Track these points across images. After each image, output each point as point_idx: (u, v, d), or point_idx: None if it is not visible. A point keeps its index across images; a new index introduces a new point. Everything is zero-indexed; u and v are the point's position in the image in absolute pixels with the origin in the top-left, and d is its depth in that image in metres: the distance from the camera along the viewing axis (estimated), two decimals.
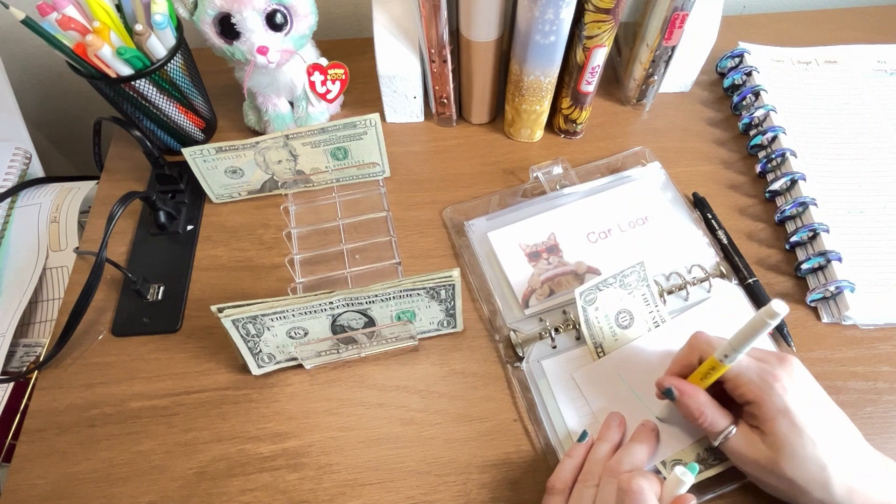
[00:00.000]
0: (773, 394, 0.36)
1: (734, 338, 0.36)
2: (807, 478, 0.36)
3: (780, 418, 0.36)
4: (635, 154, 0.60)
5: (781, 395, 0.36)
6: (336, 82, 0.60)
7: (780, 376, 0.37)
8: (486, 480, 0.44)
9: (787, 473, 0.36)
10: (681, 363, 0.41)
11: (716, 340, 0.40)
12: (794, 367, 0.38)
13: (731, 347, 0.36)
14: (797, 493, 0.36)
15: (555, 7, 0.47)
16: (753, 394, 0.37)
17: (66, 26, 0.46)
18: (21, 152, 0.64)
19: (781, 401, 0.36)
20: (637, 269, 0.47)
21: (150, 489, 0.44)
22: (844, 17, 0.73)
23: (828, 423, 0.37)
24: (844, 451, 0.36)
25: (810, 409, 0.36)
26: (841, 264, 0.50)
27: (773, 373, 0.37)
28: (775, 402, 0.36)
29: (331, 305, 0.44)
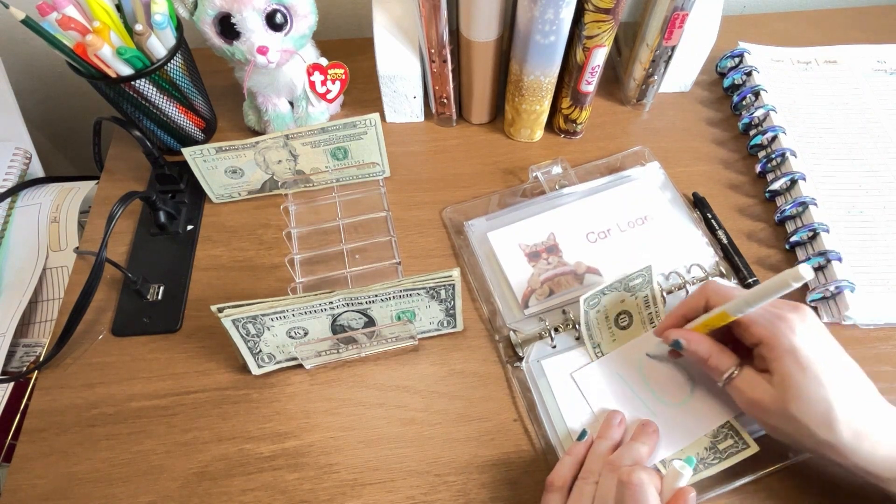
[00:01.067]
0: (781, 334, 0.36)
1: (750, 294, 0.37)
2: (812, 417, 0.35)
3: (786, 357, 0.36)
4: (635, 154, 0.60)
5: (789, 335, 0.36)
6: (336, 82, 0.60)
7: (790, 319, 0.37)
8: (486, 480, 0.44)
9: (792, 412, 0.36)
10: (687, 305, 0.42)
11: (726, 290, 0.40)
12: (806, 312, 0.38)
13: (746, 303, 0.37)
14: (803, 434, 0.36)
15: (555, 7, 0.47)
16: (762, 334, 0.37)
17: (66, 26, 0.46)
18: (21, 152, 0.64)
19: (789, 340, 0.36)
20: (643, 273, 0.47)
21: (150, 489, 0.44)
22: (844, 17, 0.73)
23: (837, 366, 0.37)
24: (853, 395, 0.36)
25: (819, 351, 0.36)
26: (841, 264, 0.50)
27: (783, 315, 0.37)
28: (783, 341, 0.36)
29: (331, 305, 0.44)
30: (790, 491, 0.43)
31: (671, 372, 0.46)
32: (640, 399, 0.45)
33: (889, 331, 0.49)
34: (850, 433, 0.35)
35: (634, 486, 0.34)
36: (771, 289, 0.35)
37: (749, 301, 0.37)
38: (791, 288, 0.34)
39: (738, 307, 0.38)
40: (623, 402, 0.45)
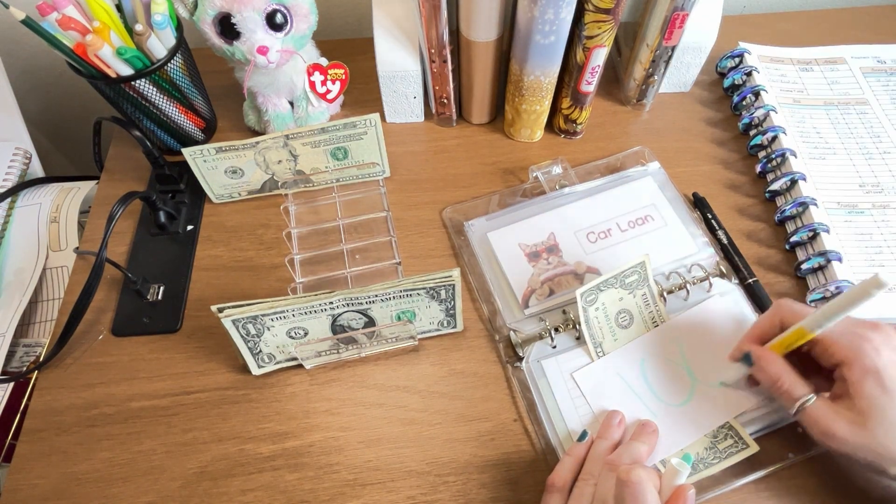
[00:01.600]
0: (865, 354, 0.35)
1: (829, 307, 0.35)
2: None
3: (869, 379, 0.35)
4: (635, 154, 0.60)
5: (873, 355, 0.35)
6: (336, 82, 0.60)
7: (871, 338, 0.36)
8: (486, 480, 0.44)
9: (877, 438, 0.34)
10: (761, 327, 0.40)
11: (801, 308, 0.39)
12: (887, 331, 0.36)
13: (824, 317, 0.35)
14: (886, 461, 0.35)
15: (555, 7, 0.47)
16: (843, 354, 0.36)
17: (66, 26, 0.46)
18: (21, 152, 0.64)
19: (873, 361, 0.35)
20: (638, 270, 0.47)
21: (150, 489, 0.44)
22: (844, 17, 0.73)
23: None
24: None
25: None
26: (841, 264, 0.50)
27: (864, 335, 0.36)
28: (866, 362, 0.35)
29: (331, 305, 0.44)
30: (790, 491, 0.43)
31: (672, 372, 0.46)
32: (641, 399, 0.45)
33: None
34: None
35: (633, 485, 0.34)
36: (851, 299, 0.33)
37: (827, 314, 0.35)
38: (871, 297, 0.32)
39: (817, 322, 0.36)
40: (624, 402, 0.45)
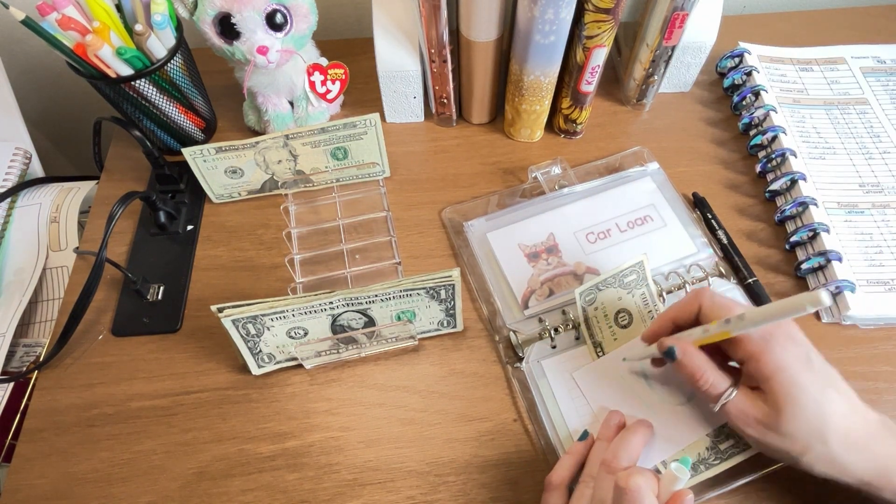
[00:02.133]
0: (771, 350, 0.36)
1: (758, 313, 0.35)
2: (808, 432, 0.36)
3: (779, 374, 0.36)
4: (634, 154, 0.60)
5: (780, 352, 0.36)
6: (336, 82, 0.60)
7: (777, 335, 0.37)
8: (486, 480, 0.44)
9: (790, 429, 0.36)
10: (678, 309, 0.41)
11: (721, 301, 0.39)
12: (792, 329, 0.38)
13: (752, 322, 0.36)
14: (799, 449, 0.36)
15: (555, 7, 0.47)
16: (752, 348, 0.37)
17: (66, 26, 0.46)
18: (21, 152, 0.64)
19: (780, 358, 0.36)
20: (636, 269, 0.47)
21: (150, 489, 0.44)
22: (844, 17, 0.73)
23: (825, 381, 0.37)
24: (843, 408, 0.36)
25: (808, 366, 0.37)
26: (841, 264, 0.50)
27: (771, 329, 0.37)
28: (773, 358, 0.36)
29: (331, 305, 0.44)
30: (790, 490, 0.43)
31: (672, 372, 0.46)
32: (642, 399, 0.45)
33: (889, 331, 0.49)
34: (844, 446, 0.36)
35: (632, 492, 0.34)
36: (784, 310, 0.34)
37: (756, 320, 0.36)
38: (804, 313, 0.32)
39: (743, 326, 0.36)
40: (624, 401, 0.45)
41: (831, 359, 0.48)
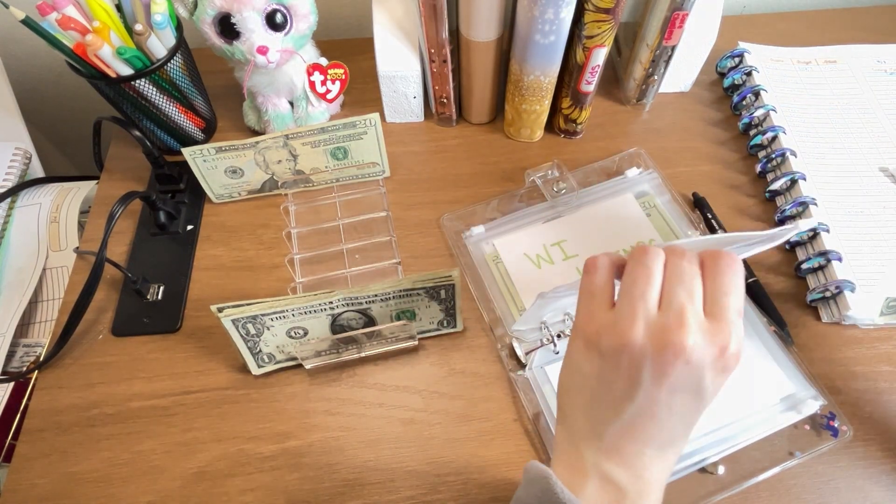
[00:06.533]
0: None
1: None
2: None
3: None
4: (631, 156, 0.60)
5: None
6: (336, 82, 0.60)
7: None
8: (486, 480, 0.44)
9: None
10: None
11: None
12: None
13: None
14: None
15: (555, 7, 0.47)
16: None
17: (66, 26, 0.46)
18: (21, 152, 0.64)
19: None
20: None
21: (150, 489, 0.44)
22: (844, 17, 0.73)
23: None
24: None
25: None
26: (841, 264, 0.50)
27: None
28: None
29: (331, 305, 0.44)
30: (790, 491, 0.43)
31: None
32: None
33: (889, 331, 0.49)
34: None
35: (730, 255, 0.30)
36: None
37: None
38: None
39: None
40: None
41: (831, 359, 0.49)
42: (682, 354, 0.28)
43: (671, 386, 0.29)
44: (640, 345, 0.29)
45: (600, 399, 0.31)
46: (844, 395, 0.46)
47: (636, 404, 0.29)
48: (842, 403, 0.45)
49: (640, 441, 0.30)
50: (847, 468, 0.43)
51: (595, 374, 0.31)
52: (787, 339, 0.49)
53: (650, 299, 0.29)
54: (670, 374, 0.28)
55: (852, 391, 0.47)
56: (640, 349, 0.29)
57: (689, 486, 0.42)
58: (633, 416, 0.30)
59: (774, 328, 0.49)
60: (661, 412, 0.29)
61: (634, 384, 0.29)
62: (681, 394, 0.29)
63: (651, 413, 0.29)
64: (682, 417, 0.30)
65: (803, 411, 0.44)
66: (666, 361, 0.28)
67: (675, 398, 0.29)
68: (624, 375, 0.29)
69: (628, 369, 0.29)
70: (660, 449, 0.30)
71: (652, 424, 0.30)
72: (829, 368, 0.48)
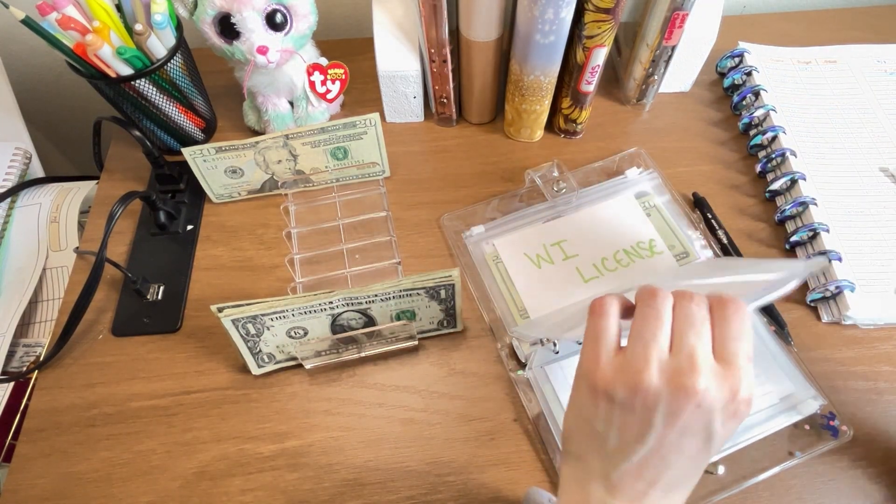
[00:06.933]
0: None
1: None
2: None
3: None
4: (630, 156, 0.60)
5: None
6: (336, 82, 0.60)
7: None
8: (486, 480, 0.44)
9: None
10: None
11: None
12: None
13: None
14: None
15: (555, 7, 0.47)
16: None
17: (66, 26, 0.46)
18: (21, 152, 0.64)
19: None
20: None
21: (150, 489, 0.44)
22: (844, 17, 0.73)
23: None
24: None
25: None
26: (841, 264, 0.50)
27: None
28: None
29: (331, 305, 0.44)
30: (789, 492, 0.43)
31: None
32: None
33: (889, 331, 0.49)
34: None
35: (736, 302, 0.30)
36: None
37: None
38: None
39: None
40: None
41: (831, 359, 0.49)
42: (695, 397, 0.28)
43: (682, 429, 0.29)
44: (654, 388, 0.28)
45: (608, 441, 0.30)
46: (844, 395, 0.46)
47: (647, 447, 0.29)
48: (842, 403, 0.45)
49: (647, 481, 0.30)
50: (847, 468, 0.43)
51: (603, 418, 0.30)
52: (787, 339, 0.49)
53: (662, 342, 0.29)
54: (682, 417, 0.28)
55: (852, 391, 0.47)
56: (655, 392, 0.28)
57: None
58: (643, 458, 0.29)
59: (774, 328, 0.49)
60: (670, 455, 0.29)
61: (647, 427, 0.29)
62: (691, 437, 0.29)
63: (660, 455, 0.29)
64: (690, 460, 0.30)
65: (803, 411, 0.44)
66: (679, 405, 0.28)
67: (685, 441, 0.29)
68: (637, 419, 0.29)
69: (642, 412, 0.29)
70: (666, 491, 0.30)
71: (661, 466, 0.29)
72: (829, 368, 0.48)
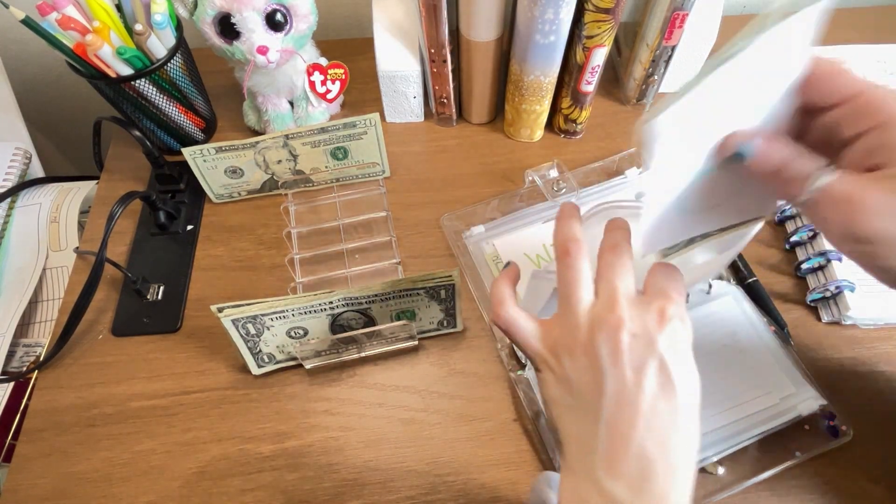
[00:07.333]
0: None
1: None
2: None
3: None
4: (631, 156, 0.60)
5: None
6: (336, 82, 0.60)
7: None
8: (486, 480, 0.44)
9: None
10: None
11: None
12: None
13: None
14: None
15: (555, 7, 0.47)
16: (882, 114, 0.26)
17: (66, 26, 0.46)
18: (21, 152, 0.64)
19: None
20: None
21: (150, 489, 0.44)
22: (844, 17, 0.73)
23: None
24: None
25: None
26: (841, 264, 0.50)
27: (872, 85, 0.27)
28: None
29: (331, 305, 0.44)
30: (790, 492, 0.43)
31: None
32: None
33: (889, 331, 0.49)
34: None
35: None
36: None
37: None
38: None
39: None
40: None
41: (831, 359, 0.48)
42: (622, 325, 0.28)
43: (632, 365, 0.28)
44: (586, 335, 0.29)
45: (578, 408, 0.30)
46: (844, 395, 0.46)
47: (608, 394, 0.28)
48: (842, 403, 0.45)
49: (633, 443, 0.27)
50: (847, 468, 0.43)
51: (566, 390, 0.30)
52: (787, 339, 0.49)
53: (584, 296, 0.30)
54: (623, 350, 0.28)
55: (852, 391, 0.47)
56: (589, 339, 0.29)
57: None
58: (613, 410, 0.28)
59: (774, 328, 0.49)
60: (638, 398, 0.27)
61: (598, 373, 0.28)
62: (648, 373, 0.28)
63: (628, 401, 0.27)
64: (664, 401, 0.27)
65: (803, 411, 0.44)
66: (613, 339, 0.28)
67: (646, 379, 0.28)
68: (588, 371, 0.29)
69: (588, 363, 0.29)
70: (661, 453, 0.27)
71: (637, 418, 0.27)
72: (829, 368, 0.48)
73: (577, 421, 0.30)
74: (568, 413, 0.30)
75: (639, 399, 0.27)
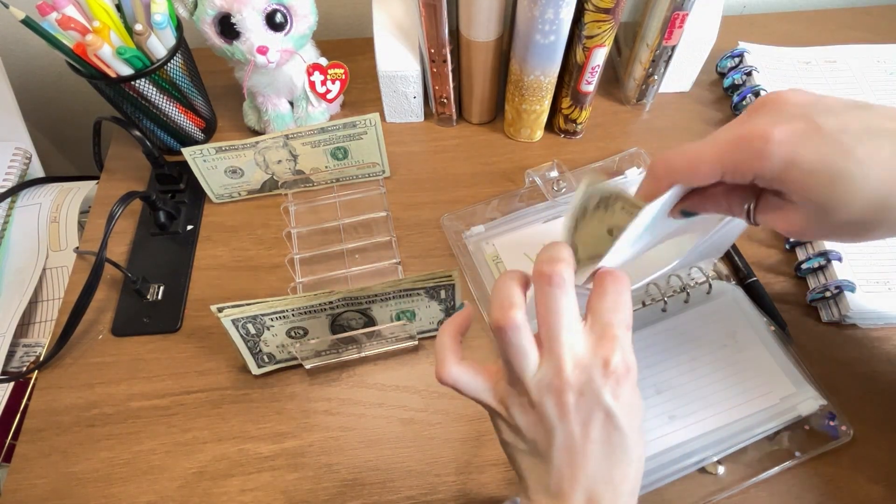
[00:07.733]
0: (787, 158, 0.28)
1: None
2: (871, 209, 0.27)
3: (808, 178, 0.28)
4: (631, 156, 0.60)
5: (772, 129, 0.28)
6: (336, 82, 0.60)
7: (765, 113, 0.30)
8: (486, 480, 0.44)
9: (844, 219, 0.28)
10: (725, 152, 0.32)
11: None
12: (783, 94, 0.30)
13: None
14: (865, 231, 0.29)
15: (555, 7, 0.47)
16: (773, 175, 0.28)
17: (66, 26, 0.46)
18: (21, 152, 0.64)
19: (800, 159, 0.27)
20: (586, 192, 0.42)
21: (150, 489, 0.44)
22: (844, 17, 0.73)
23: (855, 131, 0.27)
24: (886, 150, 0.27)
25: (818, 135, 0.28)
26: (841, 264, 0.50)
27: (757, 124, 0.29)
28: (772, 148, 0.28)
29: (330, 305, 0.44)
30: (790, 492, 0.43)
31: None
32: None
33: (889, 331, 0.49)
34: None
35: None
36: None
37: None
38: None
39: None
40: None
41: (831, 359, 0.48)
42: (567, 388, 0.29)
43: (579, 419, 0.29)
44: (534, 397, 0.30)
45: (531, 452, 0.32)
46: (844, 395, 0.46)
47: (557, 446, 0.30)
48: (842, 403, 0.45)
49: (581, 483, 0.30)
50: (847, 468, 0.43)
51: (519, 438, 0.32)
52: (787, 339, 0.49)
53: (529, 368, 0.30)
54: (570, 410, 0.29)
55: (852, 391, 0.47)
56: (537, 400, 0.30)
57: (689, 486, 0.43)
58: (563, 457, 0.30)
59: (774, 328, 0.49)
60: (586, 448, 0.30)
61: (548, 428, 0.30)
62: (594, 423, 0.29)
63: (577, 451, 0.30)
64: (612, 446, 0.30)
65: (803, 411, 0.44)
66: (560, 402, 0.29)
67: (592, 431, 0.29)
68: (535, 424, 0.31)
69: (535, 418, 0.31)
70: (607, 485, 0.30)
71: (586, 462, 0.30)
72: (829, 368, 0.48)
73: (532, 463, 0.32)
74: (522, 455, 0.32)
75: (587, 448, 0.30)
